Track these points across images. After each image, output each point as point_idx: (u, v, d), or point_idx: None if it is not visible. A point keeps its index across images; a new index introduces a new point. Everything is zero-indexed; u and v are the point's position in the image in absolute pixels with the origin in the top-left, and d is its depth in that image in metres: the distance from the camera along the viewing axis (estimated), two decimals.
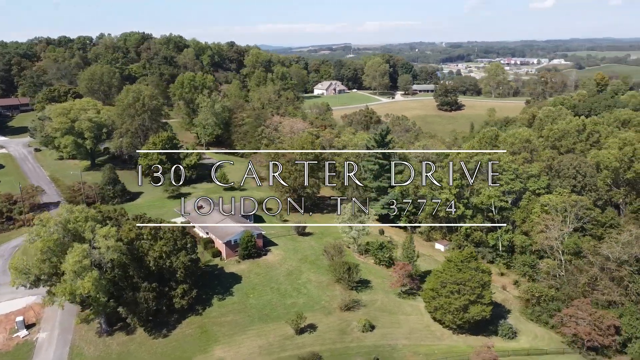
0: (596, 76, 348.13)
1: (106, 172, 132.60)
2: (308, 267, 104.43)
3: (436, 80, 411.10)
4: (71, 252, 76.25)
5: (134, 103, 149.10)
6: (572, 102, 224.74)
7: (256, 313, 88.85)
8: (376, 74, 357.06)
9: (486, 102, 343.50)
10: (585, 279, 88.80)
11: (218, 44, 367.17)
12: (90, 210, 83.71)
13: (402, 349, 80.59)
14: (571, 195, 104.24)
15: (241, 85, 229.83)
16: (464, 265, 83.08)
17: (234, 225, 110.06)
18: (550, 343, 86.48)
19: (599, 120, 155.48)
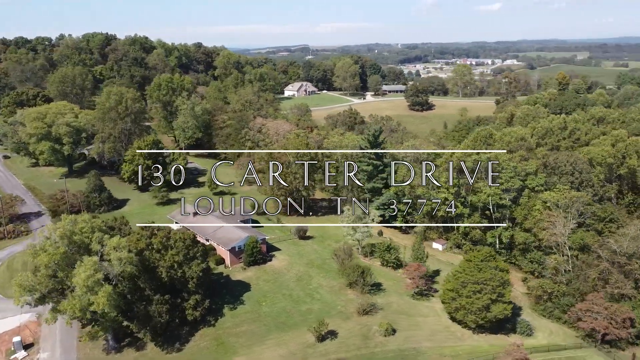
0: (558, 76, 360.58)
1: (91, 179, 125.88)
2: (316, 271, 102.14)
3: (404, 80, 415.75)
4: (81, 265, 71.29)
5: (116, 106, 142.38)
6: (544, 101, 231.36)
7: (272, 321, 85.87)
8: (346, 74, 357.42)
9: (455, 101, 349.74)
10: (596, 273, 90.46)
11: (185, 45, 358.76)
12: (96, 220, 78.61)
13: (426, 352, 79.56)
14: (571, 192, 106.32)
15: (220, 87, 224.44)
16: (484, 264, 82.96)
17: (237, 231, 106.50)
18: (565, 338, 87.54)
19: (579, 118, 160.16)
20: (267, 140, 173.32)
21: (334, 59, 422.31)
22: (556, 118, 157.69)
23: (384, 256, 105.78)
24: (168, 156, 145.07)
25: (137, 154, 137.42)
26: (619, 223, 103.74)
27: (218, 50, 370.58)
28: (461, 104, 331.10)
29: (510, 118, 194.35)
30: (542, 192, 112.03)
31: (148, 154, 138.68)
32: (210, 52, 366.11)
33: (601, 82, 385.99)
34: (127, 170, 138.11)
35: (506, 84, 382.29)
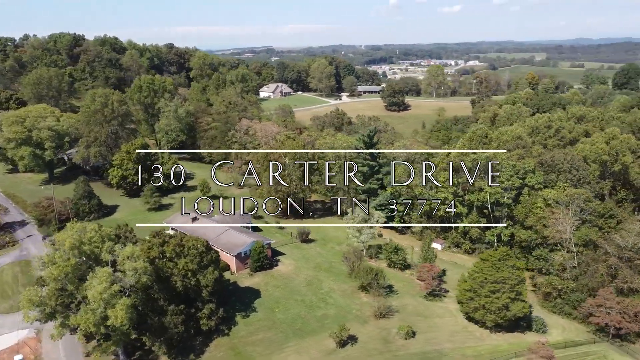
0: (527, 76, 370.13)
1: (80, 185, 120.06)
2: (325, 275, 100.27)
3: (378, 81, 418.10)
4: (94, 277, 67.28)
5: (102, 109, 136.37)
6: (521, 100, 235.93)
7: (288, 328, 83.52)
8: (322, 76, 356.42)
9: (430, 102, 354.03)
10: (604, 268, 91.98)
11: (156, 46, 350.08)
12: (105, 229, 74.43)
13: (448, 353, 78.89)
14: (571, 189, 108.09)
15: (200, 88, 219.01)
16: (502, 263, 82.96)
17: (242, 236, 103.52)
18: (578, 334, 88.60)
19: (563, 117, 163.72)
20: (254, 142, 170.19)
21: (308, 60, 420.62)
22: (542, 117, 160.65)
23: (392, 257, 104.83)
24: (157, 160, 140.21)
25: (125, 157, 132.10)
26: (618, 219, 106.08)
27: (190, 51, 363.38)
28: (436, 104, 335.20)
29: (493, 117, 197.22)
30: (541, 190, 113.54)
31: (137, 158, 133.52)
32: (182, 53, 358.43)
33: (567, 82, 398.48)
34: (116, 176, 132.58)
35: (477, 84, 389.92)
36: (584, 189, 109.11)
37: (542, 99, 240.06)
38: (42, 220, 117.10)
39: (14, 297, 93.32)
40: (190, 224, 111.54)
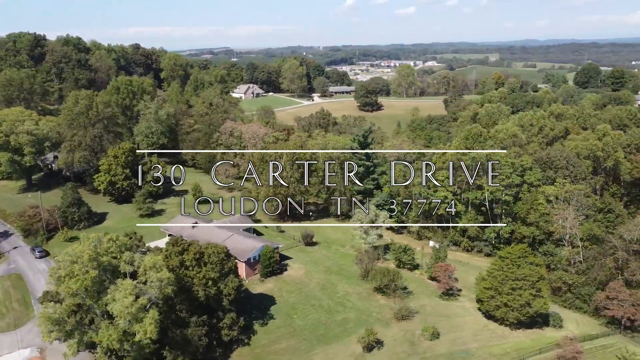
0: (494, 76, 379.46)
1: (68, 193, 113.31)
2: (338, 278, 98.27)
3: (348, 82, 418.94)
4: (117, 290, 62.99)
5: (87, 111, 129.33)
6: (496, 99, 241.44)
7: (310, 335, 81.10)
8: (294, 76, 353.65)
9: (401, 102, 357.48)
10: (611, 262, 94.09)
11: (122, 47, 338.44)
12: (122, 238, 69.94)
13: (475, 353, 78.48)
14: (570, 185, 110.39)
15: (179, 89, 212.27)
16: (522, 260, 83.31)
17: (249, 240, 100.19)
18: (592, 327, 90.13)
19: (544, 115, 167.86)
20: (240, 144, 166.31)
21: (278, 60, 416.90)
22: (526, 115, 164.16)
23: (401, 257, 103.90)
24: (145, 164, 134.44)
25: (113, 162, 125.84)
26: (617, 213, 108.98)
27: (158, 52, 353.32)
28: (408, 104, 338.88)
29: (474, 116, 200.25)
30: (540, 187, 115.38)
31: (125, 162, 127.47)
32: (149, 53, 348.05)
33: (530, 82, 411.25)
34: (103, 181, 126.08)
35: (444, 84, 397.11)
36: (583, 185, 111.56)
37: (515, 97, 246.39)
38: (29, 230, 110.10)
39: (9, 314, 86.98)
40: (190, 231, 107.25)
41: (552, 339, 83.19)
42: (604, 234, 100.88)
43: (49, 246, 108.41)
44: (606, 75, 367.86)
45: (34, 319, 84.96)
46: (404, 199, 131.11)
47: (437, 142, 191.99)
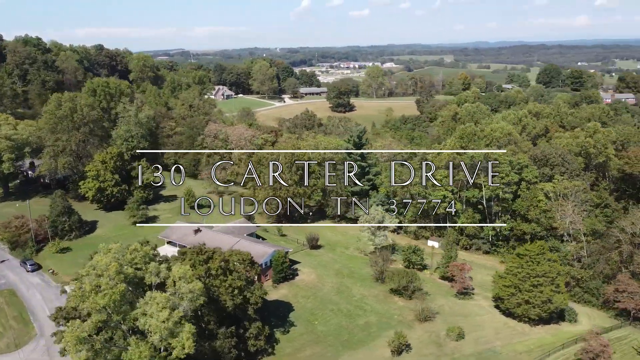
0: (460, 76, 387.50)
1: (57, 201, 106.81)
2: (351, 281, 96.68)
3: (317, 83, 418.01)
4: (148, 303, 59.11)
5: (71, 114, 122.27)
6: (471, 99, 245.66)
7: (335, 341, 79.10)
8: (264, 78, 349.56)
9: (373, 102, 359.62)
10: (617, 255, 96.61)
11: (84, 47, 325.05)
12: (145, 248, 65.83)
13: (502, 351, 78.57)
14: (568, 181, 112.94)
15: (157, 91, 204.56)
16: (540, 257, 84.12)
17: (259, 246, 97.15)
18: (603, 320, 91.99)
19: (526, 113, 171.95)
20: (226, 146, 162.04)
21: (247, 61, 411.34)
22: (510, 114, 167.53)
23: (411, 258, 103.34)
24: (134, 169, 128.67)
25: (101, 167, 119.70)
26: (613, 208, 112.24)
27: (123, 53, 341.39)
28: (380, 105, 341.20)
29: (454, 116, 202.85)
30: (538, 184, 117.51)
31: (114, 167, 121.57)
32: (113, 54, 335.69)
33: (494, 82, 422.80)
34: (91, 188, 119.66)
35: (412, 85, 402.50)
36: (580, 181, 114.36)
37: (489, 97, 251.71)
38: (16, 242, 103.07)
39: (7, 333, 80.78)
40: (192, 238, 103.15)
41: (571, 334, 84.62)
42: (604, 229, 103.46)
43: (39, 258, 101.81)
44: (566, 75, 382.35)
45: (36, 338, 79.56)
46: (402, 199, 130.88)
47: (419, 141, 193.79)
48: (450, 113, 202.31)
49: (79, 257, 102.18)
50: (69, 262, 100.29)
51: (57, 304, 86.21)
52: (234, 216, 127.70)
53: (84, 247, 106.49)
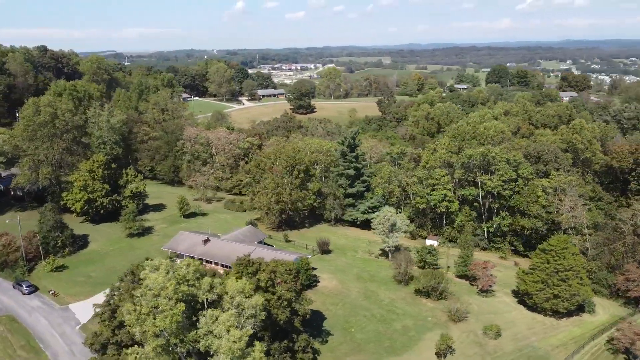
0: (414, 77, 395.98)
1: (48, 215, 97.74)
2: (374, 285, 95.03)
3: (273, 85, 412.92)
4: (211, 323, 54.68)
5: (52, 121, 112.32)
6: (436, 99, 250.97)
7: (377, 348, 77.14)
8: (222, 80, 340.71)
9: (333, 103, 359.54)
10: (621, 246, 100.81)
11: (26, 48, 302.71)
12: (194, 262, 60.88)
13: (540, 347, 79.63)
14: (563, 176, 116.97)
15: (126, 95, 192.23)
16: (565, 251, 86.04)
17: (278, 253, 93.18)
18: (616, 309, 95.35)
19: (501, 112, 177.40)
20: (208, 151, 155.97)
21: (201, 63, 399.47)
22: (486, 113, 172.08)
23: (426, 259, 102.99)
24: (120, 178, 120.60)
25: (88, 177, 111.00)
26: (607, 201, 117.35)
27: (69, 55, 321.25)
28: (340, 106, 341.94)
29: (426, 115, 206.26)
30: (533, 180, 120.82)
31: (102, 176, 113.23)
32: (59, 56, 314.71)
33: (444, 82, 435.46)
34: (79, 200, 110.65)
35: (367, 86, 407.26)
36: (574, 176, 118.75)
37: (453, 96, 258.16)
38: (4, 262, 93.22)
39: None
40: (202, 248, 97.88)
41: (594, 324, 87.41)
42: (604, 221, 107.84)
43: (32, 279, 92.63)
44: (512, 75, 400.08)
45: None
46: (399, 200, 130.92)
47: (394, 141, 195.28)
48: (424, 113, 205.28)
49: (77, 275, 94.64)
50: (68, 281, 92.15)
51: (66, 329, 79.66)
52: (230, 224, 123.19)
53: (80, 264, 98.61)
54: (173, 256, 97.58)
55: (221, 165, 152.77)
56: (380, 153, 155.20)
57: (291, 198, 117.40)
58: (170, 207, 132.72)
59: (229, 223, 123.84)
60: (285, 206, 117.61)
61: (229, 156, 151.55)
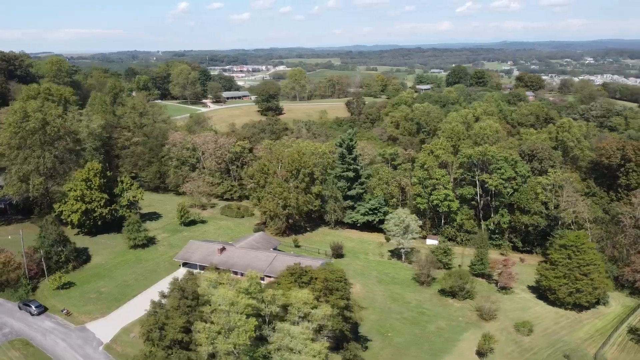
0: (378, 78, 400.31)
1: (50, 229, 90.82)
2: (398, 287, 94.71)
3: (236, 87, 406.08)
4: (284, 337, 52.30)
5: (43, 127, 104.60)
6: (409, 100, 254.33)
7: (419, 352, 76.72)
8: (186, 82, 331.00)
9: (300, 105, 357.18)
10: (623, 239, 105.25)
11: None
12: (254, 273, 58.09)
13: (571, 340, 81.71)
14: (560, 173, 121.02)
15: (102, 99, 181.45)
16: (585, 246, 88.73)
17: (302, 259, 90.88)
18: (625, 300, 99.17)
19: (482, 112, 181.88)
20: (194, 156, 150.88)
21: (162, 65, 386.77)
22: (468, 112, 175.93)
23: (442, 259, 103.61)
24: (116, 186, 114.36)
25: (85, 187, 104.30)
26: (600, 196, 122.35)
27: (21, 56, 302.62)
28: (308, 107, 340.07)
29: (405, 117, 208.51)
30: (530, 177, 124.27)
31: (99, 185, 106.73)
32: (10, 58, 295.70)
33: (405, 83, 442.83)
34: (76, 211, 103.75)
35: (330, 87, 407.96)
36: (570, 172, 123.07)
37: (424, 96, 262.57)
38: (5, 282, 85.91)
39: None
40: (220, 256, 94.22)
41: (612, 316, 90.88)
42: (602, 215, 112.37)
43: (37, 298, 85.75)
44: (471, 75, 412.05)
45: None
46: (387, 203, 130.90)
47: (374, 142, 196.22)
48: (403, 114, 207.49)
49: (86, 291, 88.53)
50: (78, 299, 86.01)
51: (88, 350, 74.58)
52: (234, 230, 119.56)
53: (88, 279, 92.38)
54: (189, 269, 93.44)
55: (211, 171, 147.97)
56: (370, 154, 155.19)
57: (298, 202, 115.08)
58: (165, 215, 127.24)
59: (232, 230, 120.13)
60: (292, 211, 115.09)
61: (220, 161, 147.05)
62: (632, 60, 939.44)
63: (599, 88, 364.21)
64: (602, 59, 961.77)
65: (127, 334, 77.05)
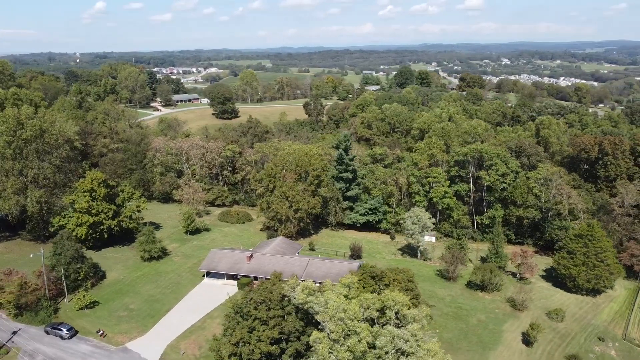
0: (328, 79, 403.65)
1: (66, 245, 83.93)
2: (427, 284, 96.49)
3: (184, 90, 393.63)
4: (402, 340, 52.23)
5: (41, 135, 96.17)
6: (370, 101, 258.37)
7: (469, 345, 78.80)
8: (136, 85, 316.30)
9: (256, 107, 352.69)
10: (616, 226, 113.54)
11: None
12: (353, 277, 57.17)
13: (600, 324, 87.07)
14: (550, 168, 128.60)
15: (73, 103, 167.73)
16: (600, 234, 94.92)
17: (336, 263, 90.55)
18: (624, 283, 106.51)
19: (457, 110, 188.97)
20: (181, 162, 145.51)
21: (105, 67, 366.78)
22: (443, 112, 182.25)
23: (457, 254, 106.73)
24: (118, 196, 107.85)
25: (89, 198, 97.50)
26: (585, 188, 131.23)
27: None
28: (262, 110, 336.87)
29: (376, 117, 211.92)
30: (520, 172, 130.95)
31: (105, 196, 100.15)
32: None
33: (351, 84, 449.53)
34: (83, 224, 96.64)
35: (280, 89, 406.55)
36: (558, 167, 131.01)
37: (385, 97, 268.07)
38: (25, 305, 78.61)
39: None
40: (249, 264, 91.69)
41: (622, 298, 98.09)
42: (593, 205, 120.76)
43: (62, 319, 79.23)
44: (415, 76, 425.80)
45: None
46: (385, 202, 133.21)
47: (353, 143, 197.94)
48: (374, 115, 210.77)
49: (114, 309, 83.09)
50: (108, 318, 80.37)
51: None
52: (242, 237, 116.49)
53: (110, 297, 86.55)
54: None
55: (200, 177, 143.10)
56: (358, 155, 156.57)
57: (308, 205, 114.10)
58: (164, 224, 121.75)
59: (239, 236, 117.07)
60: (303, 214, 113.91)
61: (211, 166, 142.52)
62: (543, 61, 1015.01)
63: (534, 87, 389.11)
64: (516, 60, 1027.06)
65: (174, 351, 73.23)
